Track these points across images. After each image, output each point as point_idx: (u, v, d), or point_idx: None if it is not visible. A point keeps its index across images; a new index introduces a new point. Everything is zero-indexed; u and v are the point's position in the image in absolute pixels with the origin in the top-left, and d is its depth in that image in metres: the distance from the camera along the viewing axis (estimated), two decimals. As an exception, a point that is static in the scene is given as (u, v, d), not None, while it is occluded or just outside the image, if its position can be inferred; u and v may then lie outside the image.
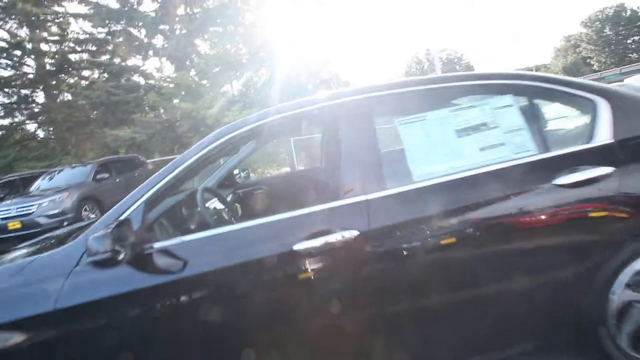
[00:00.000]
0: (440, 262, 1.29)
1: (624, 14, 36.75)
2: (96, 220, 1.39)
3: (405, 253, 1.26)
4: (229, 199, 2.64)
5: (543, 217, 1.33)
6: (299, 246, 1.24)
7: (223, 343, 1.27)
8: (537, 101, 1.55)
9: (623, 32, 36.25)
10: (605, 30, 37.31)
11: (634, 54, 35.50)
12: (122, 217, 1.27)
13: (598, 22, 37.65)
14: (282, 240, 1.26)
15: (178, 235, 1.40)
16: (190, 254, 1.28)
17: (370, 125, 1.41)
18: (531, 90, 1.52)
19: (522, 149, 1.41)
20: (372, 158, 1.37)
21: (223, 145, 1.45)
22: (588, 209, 1.34)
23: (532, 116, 1.50)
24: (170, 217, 1.59)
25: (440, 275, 1.29)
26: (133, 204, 1.30)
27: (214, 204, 2.00)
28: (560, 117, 1.78)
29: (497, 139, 1.42)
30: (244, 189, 2.91)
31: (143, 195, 1.32)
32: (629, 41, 36.85)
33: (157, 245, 1.30)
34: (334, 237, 1.24)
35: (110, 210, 1.32)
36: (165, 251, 1.29)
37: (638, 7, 35.99)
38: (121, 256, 1.18)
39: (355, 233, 1.25)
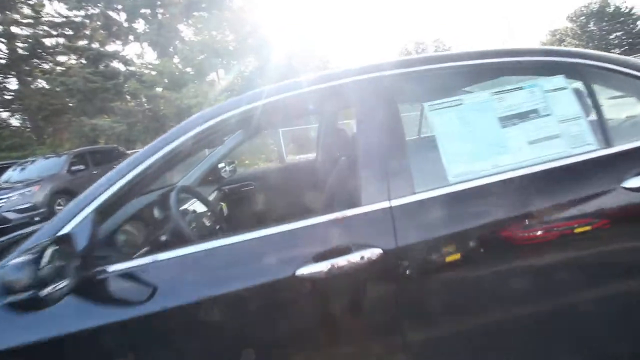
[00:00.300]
0: (489, 284, 1.00)
1: (608, 10, 37.19)
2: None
3: (447, 278, 0.97)
4: (212, 196, 2.31)
5: (609, 228, 1.06)
6: (302, 271, 0.93)
7: None
8: (590, 84, 1.26)
9: (606, 27, 36.70)
10: (589, 25, 37.71)
11: (617, 50, 36.04)
12: (61, 233, 0.93)
13: (583, 17, 38.00)
14: (279, 263, 0.95)
15: (141, 253, 1.08)
16: (154, 281, 0.95)
17: (392, 110, 1.10)
18: (587, 71, 1.23)
19: (580, 142, 1.13)
20: (397, 152, 1.06)
21: (202, 135, 1.12)
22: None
23: (585, 102, 1.23)
24: (134, 227, 1.25)
25: (494, 300, 1.00)
26: (77, 213, 0.96)
27: (194, 205, 1.67)
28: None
29: (550, 130, 1.13)
30: (230, 185, 2.58)
31: (93, 201, 0.98)
32: (611, 37, 37.35)
33: (113, 268, 0.97)
34: (350, 259, 0.93)
35: (46, 224, 0.97)
36: (123, 276, 0.96)
37: (621, 3, 36.46)
38: (59, 287, 0.85)
39: (378, 252, 0.94)
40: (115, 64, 15.84)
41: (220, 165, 2.55)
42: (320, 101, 1.16)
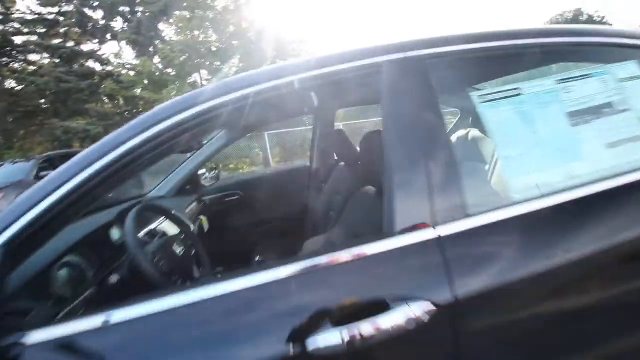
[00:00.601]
0: (596, 339, 0.72)
1: (581, 18, 38.59)
2: None
3: (536, 339, 0.68)
4: (190, 209, 1.97)
5: None
6: (316, 342, 0.62)
7: None
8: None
9: (581, 35, 37.87)
10: (565, 33, 38.88)
11: (591, 57, 37.19)
12: None
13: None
14: (280, 329, 0.64)
15: (81, 303, 0.75)
16: (99, 356, 0.63)
17: (433, 101, 0.81)
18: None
19: (666, 146, 0.88)
20: (441, 159, 0.77)
21: (170, 135, 0.80)
22: None
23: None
24: (76, 263, 0.92)
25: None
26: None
27: (164, 224, 1.34)
28: None
29: (630, 130, 0.87)
30: (212, 196, 2.24)
31: (-2, 235, 0.65)
32: (586, 45, 38.51)
33: (35, 336, 0.64)
34: (385, 321, 0.63)
35: None
36: (51, 349, 0.63)
37: (594, 13, 37.87)
38: None
39: (426, 308, 0.65)
40: (91, 64, 15.13)
41: (200, 172, 2.22)
42: (333, 89, 0.87)
